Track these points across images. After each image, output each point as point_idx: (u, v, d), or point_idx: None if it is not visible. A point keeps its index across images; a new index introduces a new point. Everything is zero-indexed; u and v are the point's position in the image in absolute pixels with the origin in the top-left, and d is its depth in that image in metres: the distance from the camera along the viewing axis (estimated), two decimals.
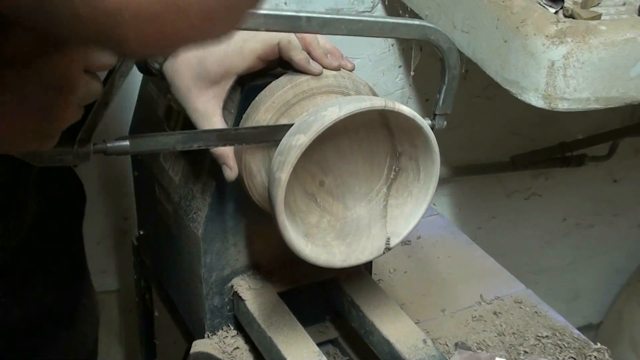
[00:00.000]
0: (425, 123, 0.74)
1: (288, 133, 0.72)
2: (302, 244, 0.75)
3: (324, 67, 0.79)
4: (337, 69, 0.80)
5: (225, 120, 0.80)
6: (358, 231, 0.80)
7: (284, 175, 0.70)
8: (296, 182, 0.77)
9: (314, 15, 0.70)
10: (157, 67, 0.80)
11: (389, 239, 0.80)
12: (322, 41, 0.80)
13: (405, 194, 0.79)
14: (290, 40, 0.77)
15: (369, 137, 0.78)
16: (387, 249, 0.80)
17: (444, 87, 0.80)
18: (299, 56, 0.77)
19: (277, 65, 0.81)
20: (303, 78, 0.77)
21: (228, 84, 0.79)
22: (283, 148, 0.71)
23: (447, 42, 0.77)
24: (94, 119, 0.65)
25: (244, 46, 0.78)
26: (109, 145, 0.69)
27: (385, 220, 0.80)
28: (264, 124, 0.77)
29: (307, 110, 0.76)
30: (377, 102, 0.71)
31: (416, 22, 0.76)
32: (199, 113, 0.79)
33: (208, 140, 0.76)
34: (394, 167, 0.79)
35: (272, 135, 0.77)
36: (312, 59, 0.79)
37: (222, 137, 0.77)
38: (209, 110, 0.79)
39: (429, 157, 0.76)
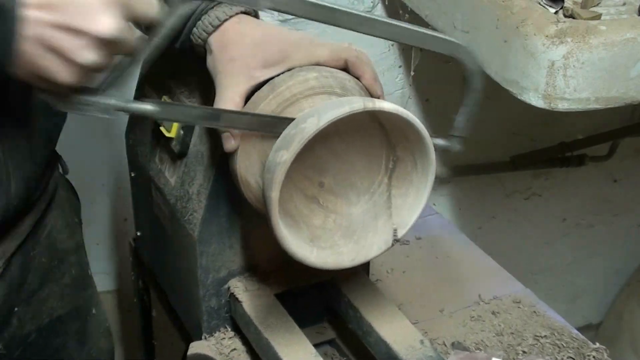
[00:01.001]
0: (408, 114, 0.73)
1: (273, 149, 0.72)
2: (307, 252, 0.75)
3: (372, 95, 0.80)
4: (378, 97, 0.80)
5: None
6: (365, 226, 0.80)
7: (274, 194, 0.70)
8: (294, 188, 0.77)
9: (354, 12, 0.70)
10: (204, 36, 0.79)
11: (396, 230, 0.79)
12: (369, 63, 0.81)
13: (406, 183, 0.79)
14: (359, 56, 0.79)
15: (361, 132, 0.78)
16: (395, 240, 0.79)
17: (466, 110, 0.79)
18: (370, 73, 0.79)
19: None
20: (283, 86, 0.77)
21: (272, 74, 0.78)
22: (269, 165, 0.71)
23: (474, 64, 0.76)
24: (123, 74, 0.65)
25: (313, 50, 0.78)
26: (132, 105, 0.68)
27: (391, 212, 0.79)
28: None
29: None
30: (356, 105, 0.70)
31: (447, 38, 0.76)
32: (224, 94, 0.77)
33: (231, 121, 0.75)
34: (391, 158, 0.79)
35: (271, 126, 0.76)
36: (365, 81, 0.80)
37: (243, 119, 0.76)
38: (234, 95, 0.77)
39: (422, 147, 0.75)
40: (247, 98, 0.78)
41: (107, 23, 0.59)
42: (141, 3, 0.62)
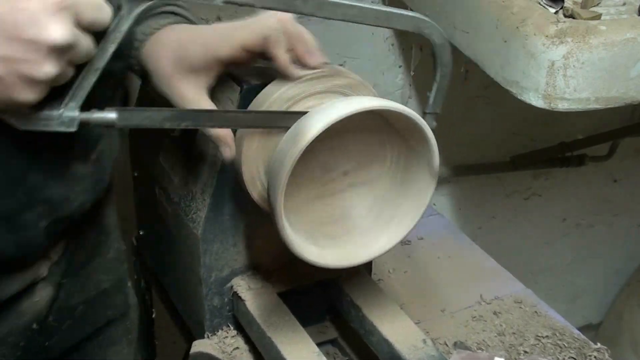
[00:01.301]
0: (413, 113, 0.73)
1: (278, 148, 0.72)
2: (311, 251, 0.76)
3: (306, 65, 0.77)
4: (319, 67, 0.77)
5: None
6: (368, 226, 0.80)
7: (279, 193, 0.70)
8: (298, 187, 0.77)
9: None
10: (138, 57, 0.78)
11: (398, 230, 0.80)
12: (309, 40, 0.77)
13: (410, 183, 0.79)
14: (278, 37, 0.74)
15: (364, 132, 0.78)
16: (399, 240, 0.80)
17: (437, 86, 0.78)
18: (283, 56, 0.75)
19: (262, 58, 0.78)
20: (282, 88, 0.77)
21: (213, 73, 0.77)
22: (274, 164, 0.72)
23: (440, 37, 0.75)
24: (82, 84, 0.62)
25: (233, 34, 0.76)
26: (95, 115, 0.65)
27: (394, 212, 0.80)
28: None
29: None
30: (363, 104, 0.71)
31: (411, 14, 0.75)
32: (186, 100, 0.77)
33: (197, 119, 0.74)
34: (395, 157, 0.80)
35: (268, 121, 0.76)
36: (297, 55, 0.77)
37: (211, 117, 0.76)
38: (195, 96, 0.76)
39: (426, 146, 0.76)
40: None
41: (57, 30, 0.56)
42: (90, 9, 0.59)
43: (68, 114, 0.63)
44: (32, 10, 0.56)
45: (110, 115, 0.67)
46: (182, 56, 0.76)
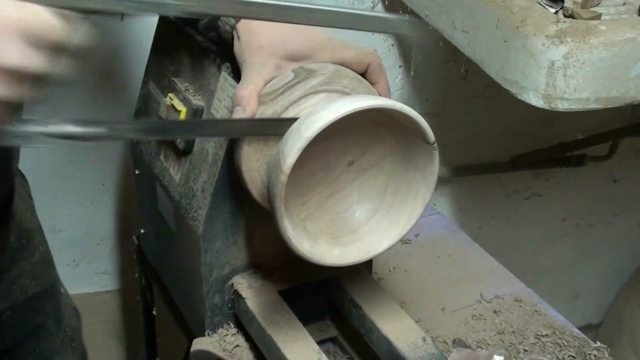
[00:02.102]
0: (414, 113, 0.74)
1: (278, 146, 0.73)
2: (311, 249, 0.76)
3: None
4: None
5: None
6: (368, 224, 0.81)
7: (279, 191, 0.70)
8: (299, 185, 0.78)
9: (269, 2, 0.68)
10: (232, 22, 0.80)
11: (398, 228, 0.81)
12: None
13: (410, 182, 0.80)
14: (381, 64, 0.81)
15: (365, 132, 0.79)
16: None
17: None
18: (384, 82, 0.82)
19: None
20: (296, 80, 0.78)
21: (294, 66, 0.79)
22: (275, 162, 0.72)
23: (417, 37, 0.77)
24: (40, 98, 0.59)
25: (338, 50, 0.80)
26: (50, 128, 0.63)
27: (394, 210, 0.80)
28: None
29: None
30: (364, 103, 0.71)
31: (385, 15, 0.76)
32: (255, 65, 0.78)
33: (181, 132, 0.76)
34: (395, 157, 0.80)
35: (260, 129, 0.77)
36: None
37: (195, 126, 0.77)
38: (266, 68, 0.78)
39: (426, 146, 0.76)
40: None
41: (8, 53, 0.55)
42: (43, 27, 0.57)
43: (30, 129, 0.62)
44: None
45: (74, 129, 0.64)
46: (282, 45, 0.79)
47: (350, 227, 0.81)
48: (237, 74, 0.82)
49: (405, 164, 0.80)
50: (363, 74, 0.82)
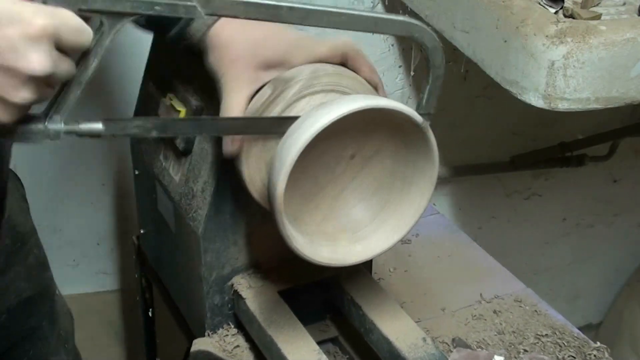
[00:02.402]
0: (413, 112, 0.74)
1: (278, 146, 0.73)
2: (311, 249, 0.76)
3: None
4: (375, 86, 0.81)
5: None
6: (368, 224, 0.81)
7: (279, 191, 0.70)
8: (299, 186, 0.78)
9: (296, 5, 0.69)
10: (198, 35, 0.79)
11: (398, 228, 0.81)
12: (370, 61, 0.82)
13: (410, 182, 0.80)
14: (357, 50, 0.80)
15: (365, 131, 0.79)
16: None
17: (427, 87, 0.79)
18: (366, 66, 0.80)
19: None
20: (284, 85, 0.78)
21: (272, 75, 0.78)
22: (275, 162, 0.72)
23: (432, 40, 0.75)
24: (66, 99, 0.64)
25: (313, 47, 0.79)
26: (81, 126, 0.66)
27: (394, 210, 0.80)
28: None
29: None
30: (362, 103, 0.71)
31: (401, 18, 0.75)
32: (233, 84, 0.77)
33: (184, 129, 0.75)
34: (395, 157, 0.80)
35: (261, 128, 0.77)
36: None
37: (199, 125, 0.77)
38: (244, 86, 0.77)
39: (425, 145, 0.76)
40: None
41: (36, 60, 0.57)
42: (71, 32, 0.59)
43: (53, 127, 0.64)
44: (12, 38, 0.56)
45: (96, 126, 0.67)
46: (255, 55, 0.77)
47: (352, 227, 0.81)
48: None
49: (405, 163, 0.80)
50: (345, 65, 0.81)
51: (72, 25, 0.60)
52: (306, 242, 0.76)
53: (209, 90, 0.87)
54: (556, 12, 1.05)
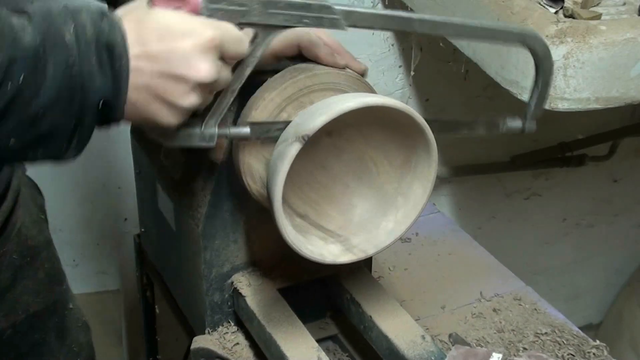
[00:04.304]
0: (412, 111, 0.74)
1: (277, 144, 0.73)
2: (310, 247, 0.76)
3: (336, 65, 0.81)
4: (343, 67, 0.81)
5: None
6: (368, 222, 0.81)
7: (278, 188, 0.70)
8: (298, 184, 0.78)
9: (426, 17, 0.74)
10: None
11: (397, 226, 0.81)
12: (327, 39, 0.81)
13: (410, 180, 0.80)
14: (311, 39, 0.80)
15: (365, 130, 0.79)
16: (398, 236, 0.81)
17: (537, 92, 0.83)
18: (323, 52, 0.80)
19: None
20: (301, 75, 0.78)
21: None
22: (274, 160, 0.72)
23: (544, 48, 0.79)
24: (220, 105, 0.70)
25: None
26: (232, 130, 0.73)
27: (393, 208, 0.80)
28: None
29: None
30: (361, 100, 0.71)
31: (517, 29, 0.80)
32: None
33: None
34: (395, 155, 0.80)
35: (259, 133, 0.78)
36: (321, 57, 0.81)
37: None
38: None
39: (425, 143, 0.76)
40: None
41: (205, 69, 0.63)
42: (234, 43, 0.66)
43: (208, 131, 0.71)
44: (185, 50, 0.63)
45: (244, 130, 0.74)
46: None
47: (352, 224, 0.82)
48: None
49: (405, 162, 0.80)
50: (301, 56, 0.81)
51: (234, 36, 0.66)
52: (305, 240, 0.77)
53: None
54: (556, 12, 1.05)
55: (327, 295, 0.97)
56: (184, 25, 0.63)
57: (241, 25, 0.67)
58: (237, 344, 0.93)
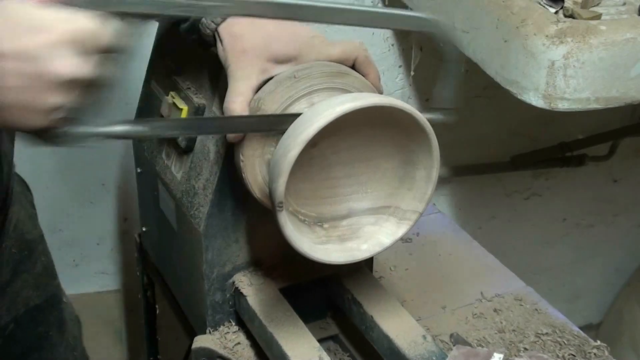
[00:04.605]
0: (414, 111, 0.74)
1: (279, 143, 0.73)
2: (312, 247, 0.76)
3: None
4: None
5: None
6: (368, 222, 0.81)
7: (280, 188, 0.70)
8: (299, 184, 0.78)
9: (311, 4, 0.70)
10: (212, 26, 0.79)
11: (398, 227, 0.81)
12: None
13: (411, 180, 0.80)
14: (367, 56, 0.81)
15: (365, 130, 0.79)
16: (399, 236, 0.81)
17: (448, 82, 0.82)
18: (376, 72, 0.82)
19: None
20: (288, 83, 0.78)
21: (281, 70, 0.79)
22: (276, 159, 0.72)
23: (445, 35, 0.77)
24: (91, 100, 0.64)
25: (323, 48, 0.80)
26: (114, 128, 0.67)
27: (394, 208, 0.80)
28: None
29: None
30: (366, 101, 0.72)
31: (411, 13, 0.77)
32: (240, 72, 0.78)
33: (184, 129, 0.77)
34: (396, 154, 0.80)
35: (267, 125, 0.77)
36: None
37: (199, 126, 0.78)
38: (252, 76, 0.78)
39: (427, 144, 0.76)
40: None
41: (61, 64, 0.59)
42: (88, 33, 0.60)
43: (86, 130, 0.65)
44: (37, 46, 0.58)
45: (127, 128, 0.68)
46: (266, 48, 0.78)
47: (354, 224, 0.82)
48: None
49: (407, 163, 0.80)
50: (353, 68, 0.82)
51: (90, 27, 0.61)
52: (307, 240, 0.77)
53: (211, 87, 0.88)
54: (556, 12, 1.05)
55: (328, 295, 0.97)
56: (33, 19, 0.59)
57: (104, 15, 0.62)
58: (238, 343, 0.93)
